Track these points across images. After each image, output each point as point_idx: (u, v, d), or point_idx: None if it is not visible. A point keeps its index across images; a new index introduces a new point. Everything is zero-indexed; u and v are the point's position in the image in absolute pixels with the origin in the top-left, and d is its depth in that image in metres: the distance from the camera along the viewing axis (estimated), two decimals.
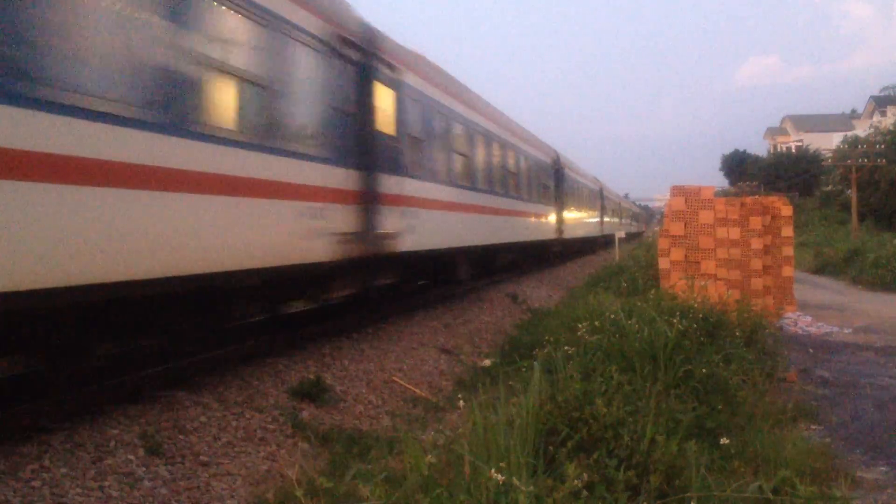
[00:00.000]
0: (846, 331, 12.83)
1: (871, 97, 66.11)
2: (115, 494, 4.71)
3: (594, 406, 4.32)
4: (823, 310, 15.62)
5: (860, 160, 41.22)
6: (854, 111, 75.26)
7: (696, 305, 8.64)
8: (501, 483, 3.25)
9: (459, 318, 13.12)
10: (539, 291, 19.46)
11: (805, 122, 76.60)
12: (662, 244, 13.98)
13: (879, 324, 13.79)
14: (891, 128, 44.90)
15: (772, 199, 14.84)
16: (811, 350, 10.78)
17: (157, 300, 6.29)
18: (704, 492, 3.84)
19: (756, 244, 13.61)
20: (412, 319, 12.17)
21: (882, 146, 42.20)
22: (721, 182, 70.44)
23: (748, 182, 61.33)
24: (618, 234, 30.47)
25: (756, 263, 13.62)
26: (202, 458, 5.52)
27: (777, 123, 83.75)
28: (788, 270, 14.39)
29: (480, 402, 4.27)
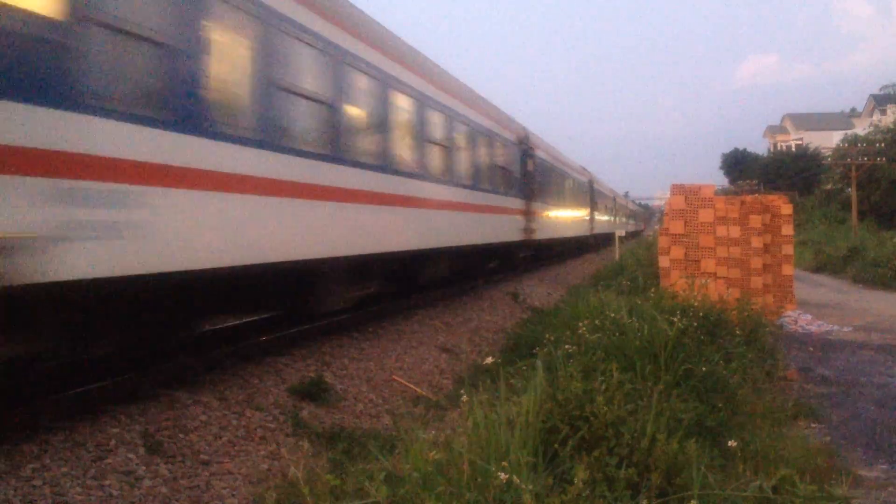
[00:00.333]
0: (846, 329, 12.83)
1: (871, 95, 66.09)
2: (116, 493, 4.71)
3: (595, 404, 4.32)
4: (823, 308, 15.63)
5: (860, 159, 41.22)
6: (854, 110, 75.26)
7: (697, 304, 8.65)
8: (505, 481, 3.26)
9: (460, 317, 13.12)
10: (539, 290, 19.47)
11: (805, 121, 76.60)
12: (663, 242, 13.98)
13: (879, 322, 13.79)
14: (891, 126, 44.90)
15: (772, 198, 14.85)
16: (811, 348, 10.78)
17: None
18: (705, 490, 3.84)
19: (756, 242, 13.62)
20: (412, 318, 12.17)
21: (882, 144, 42.20)
22: (721, 180, 70.50)
23: (748, 180, 61.31)
24: (617, 233, 30.53)
25: (756, 262, 13.62)
26: (203, 457, 5.52)
27: (777, 122, 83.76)
28: (788, 269, 14.40)
29: (481, 401, 4.27)
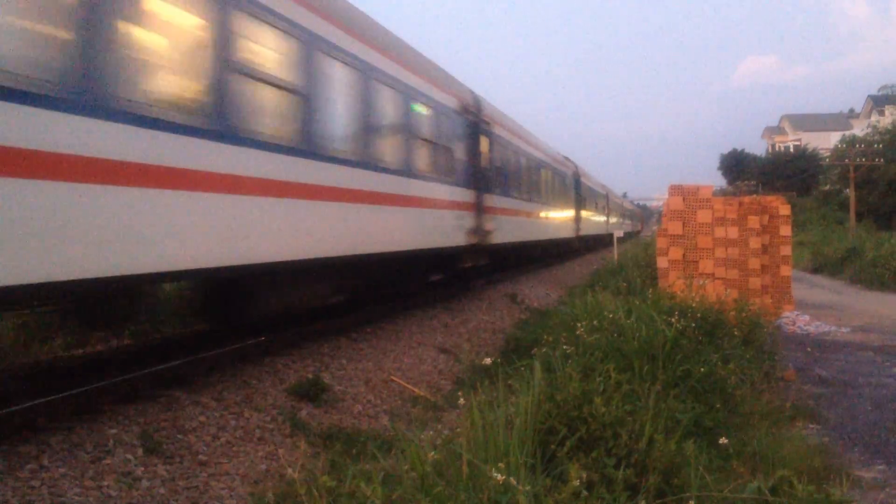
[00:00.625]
0: (844, 330, 12.85)
1: (869, 96, 66.18)
2: (114, 494, 4.70)
3: (593, 405, 4.32)
4: (821, 309, 15.64)
5: (858, 159, 41.28)
6: (852, 110, 75.38)
7: (695, 305, 8.65)
8: (501, 483, 3.26)
9: (458, 318, 13.12)
10: (538, 290, 19.47)
11: (803, 122, 76.71)
12: (661, 243, 13.98)
13: (877, 323, 13.82)
14: (889, 127, 44.99)
15: (770, 199, 14.85)
16: (809, 349, 10.80)
17: None
18: (703, 491, 3.85)
19: (754, 243, 13.62)
20: (411, 319, 12.17)
21: (880, 145, 42.32)
22: (719, 181, 70.57)
23: (746, 181, 61.40)
24: (616, 235, 30.55)
25: (754, 263, 13.62)
26: (201, 458, 5.52)
27: (775, 123, 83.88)
28: (786, 270, 14.40)
29: (479, 402, 4.27)
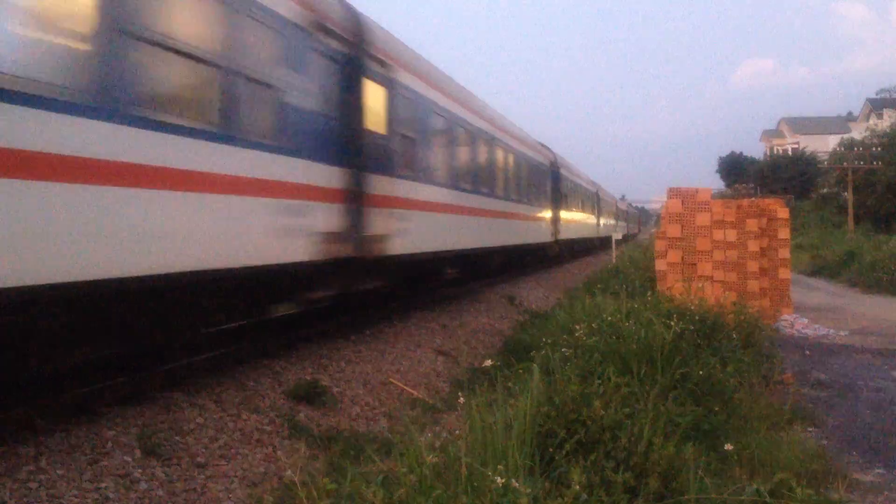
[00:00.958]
0: (842, 333, 12.86)
1: (868, 100, 66.39)
2: (112, 496, 4.69)
3: (592, 408, 4.32)
4: (820, 312, 15.65)
5: (856, 162, 41.35)
6: (850, 114, 75.51)
7: (693, 307, 8.65)
8: (502, 485, 3.25)
9: (456, 320, 13.11)
10: (536, 293, 19.47)
11: (801, 125, 76.78)
12: (659, 246, 13.99)
13: (876, 326, 13.82)
14: (887, 130, 45.06)
15: (768, 202, 14.87)
16: (807, 352, 10.79)
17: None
18: (702, 494, 3.84)
19: (752, 246, 13.64)
20: (409, 321, 12.15)
21: (878, 148, 42.38)
22: (718, 184, 70.62)
23: (745, 184, 61.46)
24: (614, 236, 30.61)
25: (753, 265, 13.64)
26: (199, 460, 5.51)
27: (773, 126, 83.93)
28: (785, 273, 14.41)
29: (478, 404, 4.27)
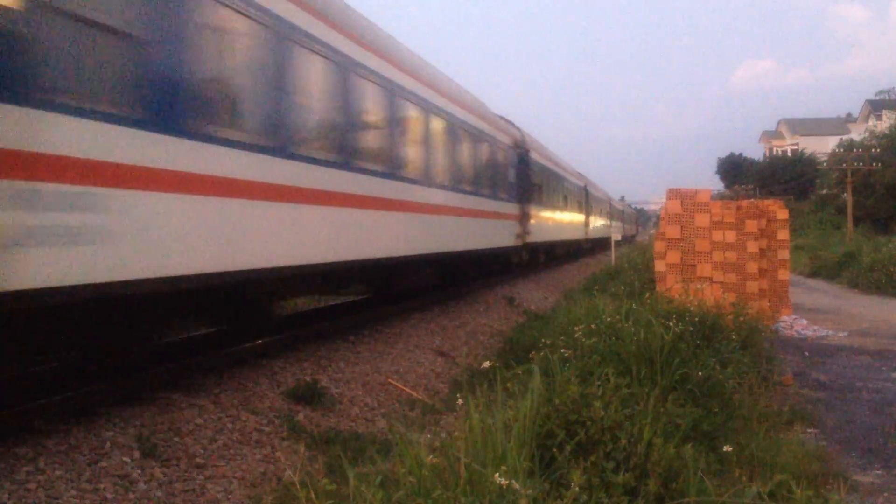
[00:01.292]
0: (842, 334, 12.86)
1: (867, 101, 66.33)
2: (110, 497, 4.69)
3: (591, 409, 4.31)
4: (819, 313, 15.65)
5: (855, 164, 41.36)
6: (850, 115, 75.49)
7: (693, 308, 8.65)
8: (502, 486, 3.24)
9: (456, 321, 13.11)
10: (535, 294, 19.48)
11: (800, 126, 76.81)
12: (659, 247, 13.99)
13: (875, 327, 13.83)
14: (886, 131, 45.10)
15: (767, 203, 14.88)
16: (807, 353, 10.79)
17: None
18: (702, 495, 3.84)
19: (752, 247, 13.64)
20: (408, 322, 12.15)
21: (877, 150, 42.39)
22: (717, 185, 70.60)
23: (744, 185, 61.49)
24: (613, 237, 30.63)
25: (752, 267, 13.64)
26: (198, 461, 5.50)
27: (773, 127, 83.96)
28: (784, 274, 14.42)
29: (478, 405, 4.26)
